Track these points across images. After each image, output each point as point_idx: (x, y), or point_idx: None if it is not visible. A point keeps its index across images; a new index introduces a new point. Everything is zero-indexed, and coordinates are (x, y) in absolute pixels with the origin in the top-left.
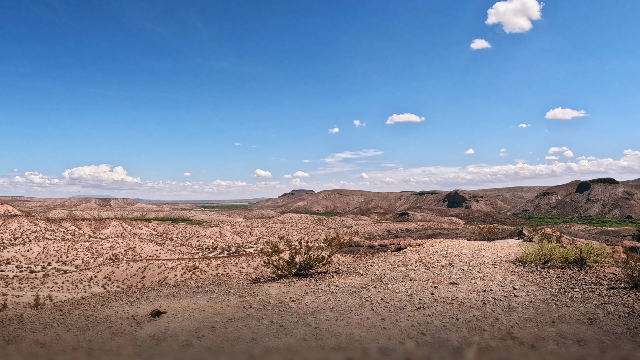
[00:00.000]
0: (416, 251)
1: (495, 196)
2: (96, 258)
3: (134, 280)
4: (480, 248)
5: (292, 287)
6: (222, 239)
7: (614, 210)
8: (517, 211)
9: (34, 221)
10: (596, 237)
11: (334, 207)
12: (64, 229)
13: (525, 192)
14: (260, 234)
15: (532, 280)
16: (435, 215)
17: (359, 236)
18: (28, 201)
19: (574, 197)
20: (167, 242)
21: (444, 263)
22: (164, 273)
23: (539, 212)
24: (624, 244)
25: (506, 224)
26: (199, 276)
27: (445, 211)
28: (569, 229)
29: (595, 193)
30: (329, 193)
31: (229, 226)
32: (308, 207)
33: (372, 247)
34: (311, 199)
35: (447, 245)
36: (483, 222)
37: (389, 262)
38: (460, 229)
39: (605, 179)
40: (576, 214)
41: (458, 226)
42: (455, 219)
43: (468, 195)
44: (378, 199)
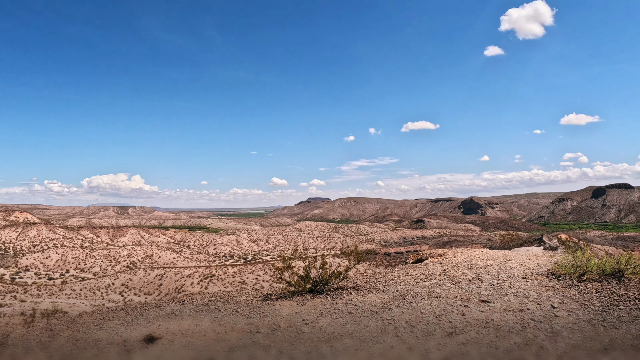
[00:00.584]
0: (439, 262)
1: (510, 203)
2: (114, 265)
3: (151, 288)
4: (505, 258)
5: (305, 306)
6: (238, 247)
7: (630, 215)
8: (533, 217)
9: (52, 229)
10: (612, 243)
11: (350, 215)
12: (82, 236)
13: (540, 199)
14: (276, 242)
15: (570, 296)
16: (450, 222)
17: (375, 243)
18: (47, 209)
19: (589, 203)
20: (184, 250)
21: (471, 277)
22: (181, 281)
23: (554, 219)
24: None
25: (522, 230)
26: (215, 284)
27: (460, 218)
28: (585, 235)
29: (610, 198)
30: (345, 201)
31: (246, 234)
32: (324, 215)
33: (389, 255)
34: (327, 207)
35: (470, 255)
36: (499, 228)
37: (411, 276)
38: (476, 236)
39: (621, 184)
40: (592, 220)
41: (474, 233)
42: (471, 225)
43: (483, 202)
44: (394, 207)
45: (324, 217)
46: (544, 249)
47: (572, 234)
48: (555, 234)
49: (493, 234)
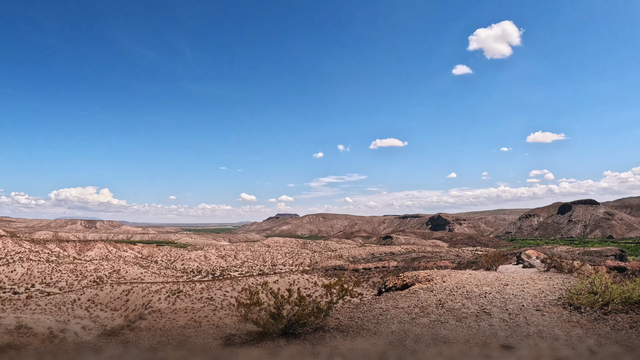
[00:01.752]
0: (429, 290)
1: (478, 219)
2: (80, 280)
3: (118, 304)
4: (500, 283)
5: (278, 358)
6: (207, 263)
7: (596, 230)
8: (500, 233)
9: (18, 242)
10: (579, 257)
11: (318, 231)
12: (48, 250)
13: (507, 215)
14: (245, 258)
15: (604, 334)
16: (418, 238)
17: (344, 260)
18: (13, 222)
19: (555, 219)
20: (152, 265)
21: (475, 309)
22: (148, 297)
23: (521, 234)
24: (607, 264)
25: (489, 246)
26: (182, 300)
27: (428, 234)
28: (552, 250)
29: (576, 214)
30: (313, 217)
31: (214, 250)
32: (293, 231)
33: (357, 271)
34: (296, 223)
35: (460, 279)
36: (466, 245)
37: (403, 309)
38: (444, 252)
39: (586, 201)
40: (558, 235)
41: (442, 249)
42: (439, 242)
43: (451, 218)
44: (362, 223)
45: (292, 233)
46: (523, 266)
47: (539, 250)
48: (522, 249)
49: (461, 250)
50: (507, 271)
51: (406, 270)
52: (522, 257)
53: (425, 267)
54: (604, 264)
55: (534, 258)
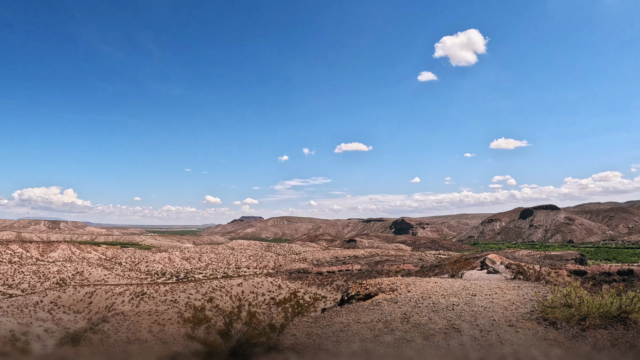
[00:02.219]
0: (393, 301)
1: (441, 223)
2: (43, 282)
3: (81, 306)
4: (468, 293)
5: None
6: (171, 265)
7: (556, 235)
8: (463, 237)
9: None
10: (540, 261)
11: (282, 234)
12: (11, 251)
13: (470, 219)
14: (209, 260)
15: (585, 354)
16: (382, 242)
17: (308, 263)
18: None
19: (517, 224)
20: (116, 266)
21: (442, 324)
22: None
23: (483, 238)
24: (568, 268)
25: (452, 250)
26: (146, 302)
27: (392, 238)
28: (514, 254)
29: (537, 219)
30: (277, 220)
31: (178, 252)
32: (257, 234)
33: (321, 274)
34: (260, 226)
35: (426, 289)
36: (429, 248)
37: (365, 324)
38: (408, 256)
39: (547, 206)
40: (520, 240)
41: (405, 253)
42: (402, 245)
43: (414, 222)
44: (326, 226)
45: (256, 236)
46: (488, 272)
47: (501, 254)
48: (485, 253)
49: (424, 253)
50: (472, 277)
51: (370, 274)
52: (486, 262)
53: (388, 271)
54: (564, 267)
55: (498, 264)
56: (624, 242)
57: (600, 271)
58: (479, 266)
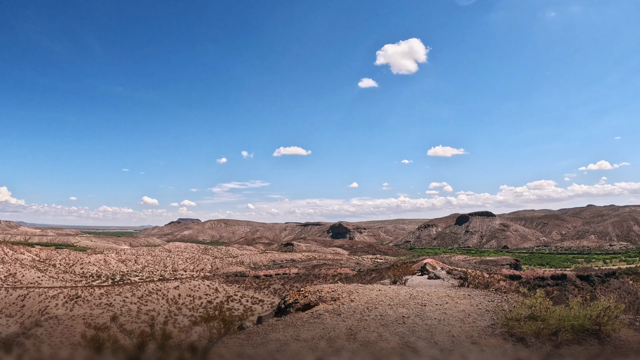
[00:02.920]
0: (335, 312)
1: (378, 228)
2: None
3: (14, 309)
4: (416, 302)
5: None
6: (106, 267)
7: (492, 241)
8: (399, 242)
9: None
10: (476, 266)
11: (220, 237)
12: None
13: (407, 224)
14: (145, 262)
15: None
16: (319, 246)
17: (245, 266)
18: None
19: (453, 229)
20: (50, 268)
21: (394, 342)
22: (45, 302)
23: (420, 243)
24: (503, 273)
25: (389, 254)
26: (80, 306)
27: (329, 242)
28: (450, 259)
29: (473, 225)
30: (215, 222)
31: (114, 254)
32: (194, 236)
33: (258, 277)
34: (197, 228)
35: (370, 298)
36: (366, 253)
37: (306, 342)
38: (345, 260)
39: (483, 212)
40: (456, 245)
41: (342, 257)
42: (340, 249)
43: (352, 226)
44: (264, 230)
45: (194, 238)
46: (429, 277)
47: (437, 258)
48: (422, 258)
49: (361, 257)
50: (415, 283)
51: (307, 278)
52: (426, 267)
53: (326, 275)
54: (499, 272)
55: (439, 269)
56: (557, 248)
57: (534, 276)
58: (419, 272)
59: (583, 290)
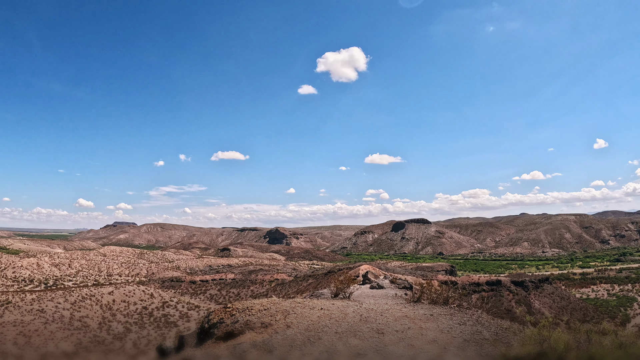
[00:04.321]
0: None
1: (314, 234)
2: None
3: None
4: (370, 328)
5: None
6: (39, 271)
7: (427, 247)
8: (336, 248)
9: None
10: (412, 272)
11: (156, 241)
12: None
13: (343, 231)
14: (80, 267)
15: None
16: (256, 251)
17: (181, 271)
18: None
19: (389, 236)
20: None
21: None
22: None
23: (356, 250)
24: (439, 279)
25: (325, 260)
26: (11, 312)
27: (266, 247)
28: (386, 265)
29: (409, 232)
30: (151, 226)
31: (48, 257)
32: (130, 240)
33: (194, 283)
34: (133, 232)
35: (312, 321)
36: (303, 258)
37: None
38: (282, 266)
39: (419, 220)
40: (392, 251)
41: (279, 262)
42: (276, 255)
43: (288, 232)
44: (200, 234)
45: (129, 242)
46: (371, 287)
47: (374, 264)
48: (358, 264)
49: (298, 263)
50: (358, 295)
51: (244, 283)
52: (368, 276)
53: (262, 280)
54: (435, 278)
55: (381, 278)
56: (491, 254)
57: (470, 282)
58: (360, 279)
59: (517, 295)
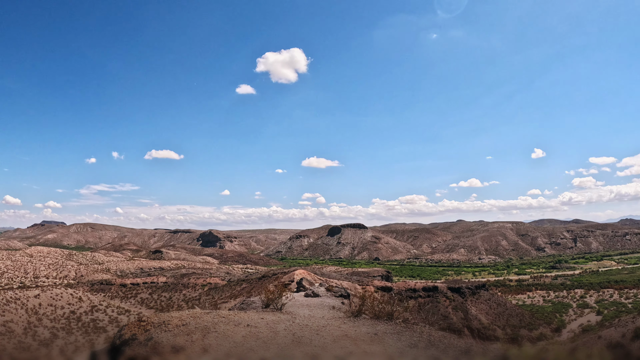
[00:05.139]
0: None
1: (249, 237)
2: None
3: None
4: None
5: None
6: None
7: (363, 252)
8: (271, 252)
9: None
10: (348, 278)
11: (86, 242)
12: None
13: (278, 234)
14: (4, 268)
15: None
16: (189, 254)
17: (111, 273)
18: None
19: (325, 240)
20: None
21: None
22: None
23: (291, 254)
24: (375, 284)
25: (260, 264)
26: None
27: (199, 250)
28: (322, 270)
29: (345, 237)
30: (81, 226)
31: None
32: (58, 241)
33: (124, 286)
34: (62, 232)
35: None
36: (237, 262)
37: None
38: (215, 269)
39: (355, 224)
40: (327, 256)
41: (212, 266)
42: (210, 258)
43: (222, 235)
44: (132, 235)
45: (58, 243)
46: (306, 295)
47: (309, 269)
48: (293, 268)
49: (231, 267)
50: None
51: (176, 287)
52: (303, 283)
53: (195, 284)
54: (371, 284)
55: (317, 285)
56: (428, 260)
57: (406, 287)
58: (296, 287)
59: (454, 301)
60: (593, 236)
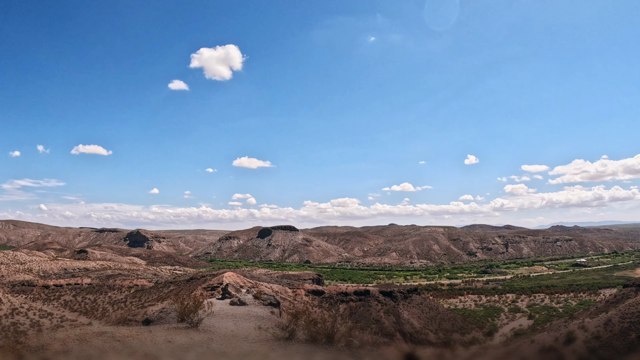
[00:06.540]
0: None
1: (178, 238)
2: None
3: None
4: None
5: None
6: None
7: (294, 255)
8: (200, 254)
9: None
10: (278, 281)
11: (7, 240)
12: None
13: (207, 235)
14: None
15: None
16: (116, 254)
17: (33, 274)
18: None
19: (255, 242)
20: None
21: None
22: None
23: (221, 256)
24: (306, 288)
25: (188, 266)
26: None
27: (126, 250)
28: (252, 272)
29: (276, 239)
30: (2, 223)
31: None
32: None
33: (47, 287)
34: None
35: None
36: (165, 263)
37: None
38: (142, 271)
39: (286, 227)
40: (257, 258)
41: (140, 267)
42: (137, 259)
43: (150, 235)
44: (56, 234)
45: None
46: (231, 303)
47: (239, 272)
48: (222, 271)
49: (159, 268)
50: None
51: (101, 289)
52: (229, 289)
53: (121, 286)
54: (302, 287)
55: (244, 292)
56: (359, 264)
57: (337, 291)
58: (220, 294)
59: (386, 305)
60: (524, 242)
